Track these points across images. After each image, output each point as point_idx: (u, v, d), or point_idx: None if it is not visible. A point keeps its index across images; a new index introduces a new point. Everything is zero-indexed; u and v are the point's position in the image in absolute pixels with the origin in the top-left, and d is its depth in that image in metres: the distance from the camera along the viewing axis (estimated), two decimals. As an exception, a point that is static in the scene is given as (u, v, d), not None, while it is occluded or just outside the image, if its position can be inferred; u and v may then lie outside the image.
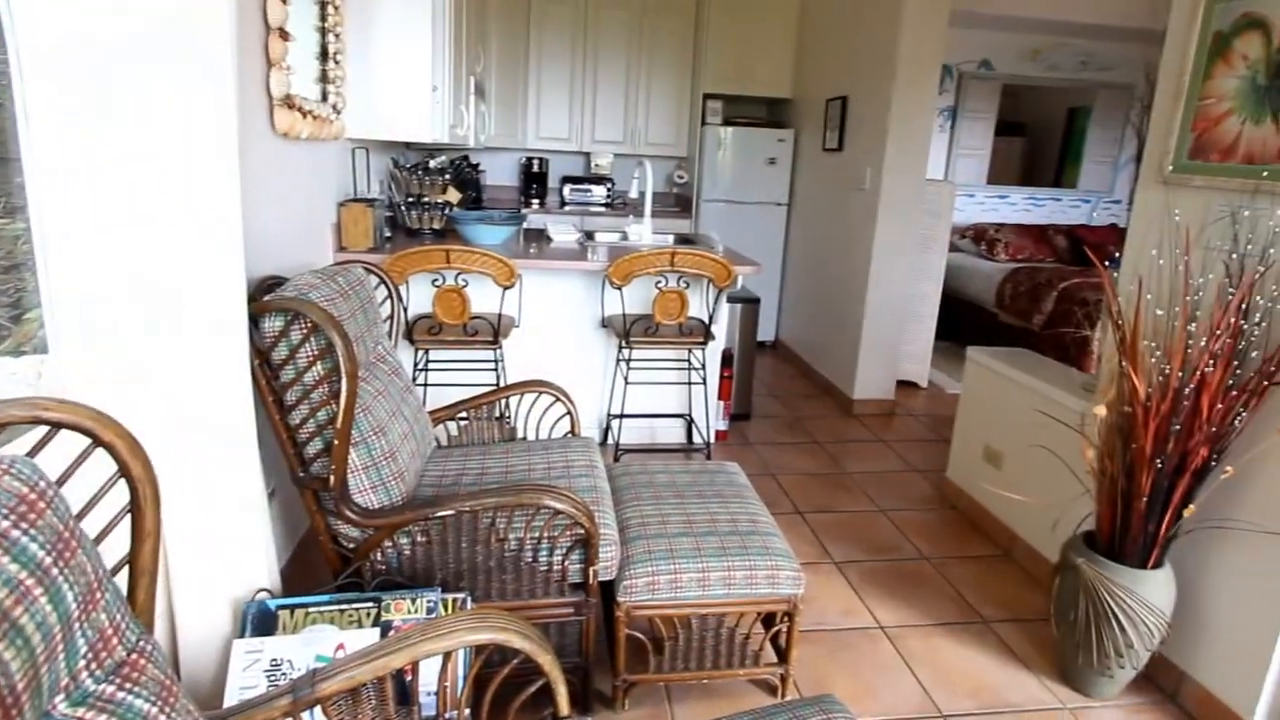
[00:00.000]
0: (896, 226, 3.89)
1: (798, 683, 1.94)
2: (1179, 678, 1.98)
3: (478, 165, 4.70)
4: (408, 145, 3.85)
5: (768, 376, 4.64)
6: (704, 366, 3.22)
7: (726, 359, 3.49)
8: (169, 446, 1.27)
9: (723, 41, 4.90)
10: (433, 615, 1.47)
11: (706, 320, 3.07)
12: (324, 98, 2.36)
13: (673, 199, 5.55)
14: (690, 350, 3.20)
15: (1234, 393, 1.71)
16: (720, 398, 3.51)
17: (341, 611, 1.44)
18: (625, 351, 3.16)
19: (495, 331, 2.77)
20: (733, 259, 3.12)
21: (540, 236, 3.65)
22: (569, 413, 2.27)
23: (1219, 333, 1.71)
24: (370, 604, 1.46)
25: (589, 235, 3.72)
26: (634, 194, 3.60)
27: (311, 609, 1.43)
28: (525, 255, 3.06)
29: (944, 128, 5.96)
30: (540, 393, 2.25)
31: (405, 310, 2.82)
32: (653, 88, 5.17)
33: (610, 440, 3.38)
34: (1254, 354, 1.72)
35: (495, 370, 2.89)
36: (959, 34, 5.48)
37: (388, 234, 3.09)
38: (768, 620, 1.87)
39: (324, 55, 2.33)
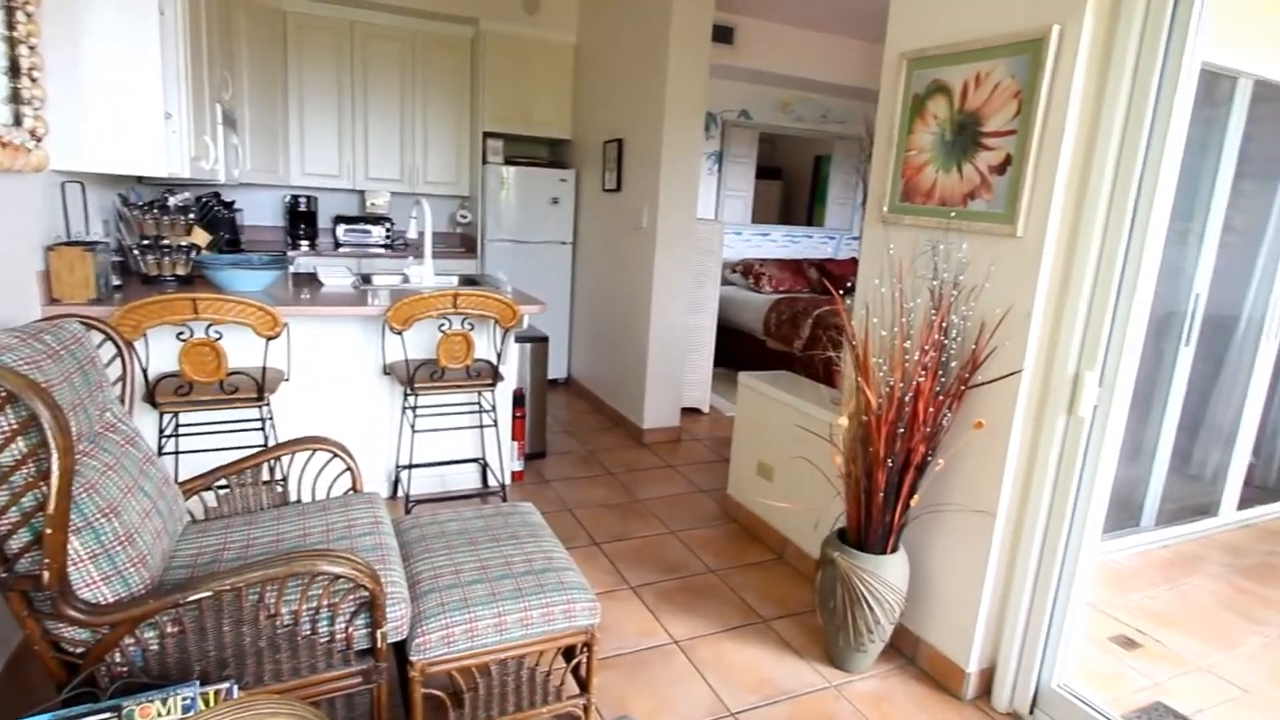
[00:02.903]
0: (673, 263, 4.14)
1: (600, 709, 1.97)
2: (916, 642, 2.30)
3: (232, 204, 4.28)
4: (140, 179, 3.42)
5: (561, 413, 4.70)
6: (494, 408, 3.19)
7: (518, 399, 3.49)
8: None
9: (500, 81, 4.93)
10: (190, 714, 1.30)
11: (495, 361, 3.06)
12: (17, 121, 2.01)
13: (457, 239, 5.47)
14: (479, 392, 3.16)
15: (941, 397, 2.04)
16: (514, 438, 3.49)
17: (67, 730, 1.22)
18: (411, 399, 3.04)
19: (259, 387, 2.53)
20: (519, 299, 3.15)
21: (311, 281, 3.41)
22: (349, 468, 2.13)
23: (927, 348, 2.03)
24: (108, 714, 1.25)
25: (366, 278, 3.55)
26: (413, 234, 3.52)
27: (24, 734, 1.20)
28: (293, 302, 2.84)
29: (712, 171, 6.50)
30: (315, 450, 2.10)
31: (144, 370, 2.48)
32: (430, 124, 5.05)
33: (400, 493, 3.22)
34: (953, 364, 2.07)
35: (262, 430, 2.64)
36: (721, 85, 6.06)
37: (117, 282, 2.70)
38: (568, 653, 1.88)
39: (14, 71, 1.99)
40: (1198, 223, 3.04)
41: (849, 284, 2.61)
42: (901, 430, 2.03)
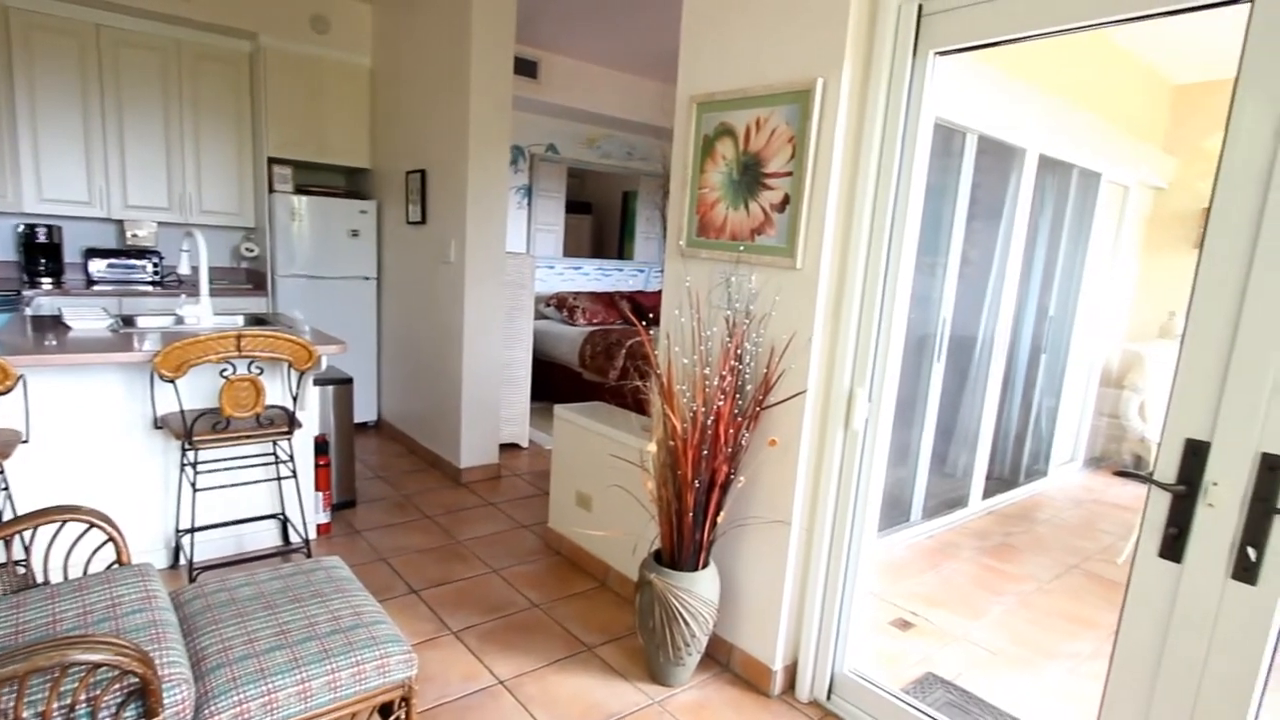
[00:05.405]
0: (484, 297, 4.08)
1: (423, 770, 1.87)
2: (729, 650, 2.45)
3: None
4: None
5: (372, 458, 4.44)
6: (293, 458, 2.94)
7: (321, 446, 3.25)
8: None
9: (287, 103, 4.57)
10: None
11: (291, 407, 2.83)
12: None
13: (243, 275, 4.99)
14: (274, 442, 2.90)
15: (739, 419, 2.20)
16: (318, 488, 3.24)
17: None
18: (190, 454, 2.72)
19: (-11, 451, 2.14)
20: (317, 338, 2.95)
21: (55, 325, 2.95)
22: (112, 538, 1.86)
23: (724, 374, 2.19)
24: None
25: (128, 320, 3.14)
26: (186, 269, 3.16)
27: None
28: (31, 350, 2.44)
29: (522, 205, 6.52)
30: (65, 520, 1.81)
31: None
32: (203, 147, 4.55)
33: (183, 560, 2.86)
34: (749, 387, 2.24)
35: (-7, 501, 2.23)
36: (527, 118, 6.13)
37: None
38: (385, 710, 1.77)
39: None
40: (941, 257, 3.56)
41: (650, 315, 2.74)
42: (706, 452, 2.16)
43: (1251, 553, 1.39)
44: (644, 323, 2.54)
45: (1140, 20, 1.59)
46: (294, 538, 3.15)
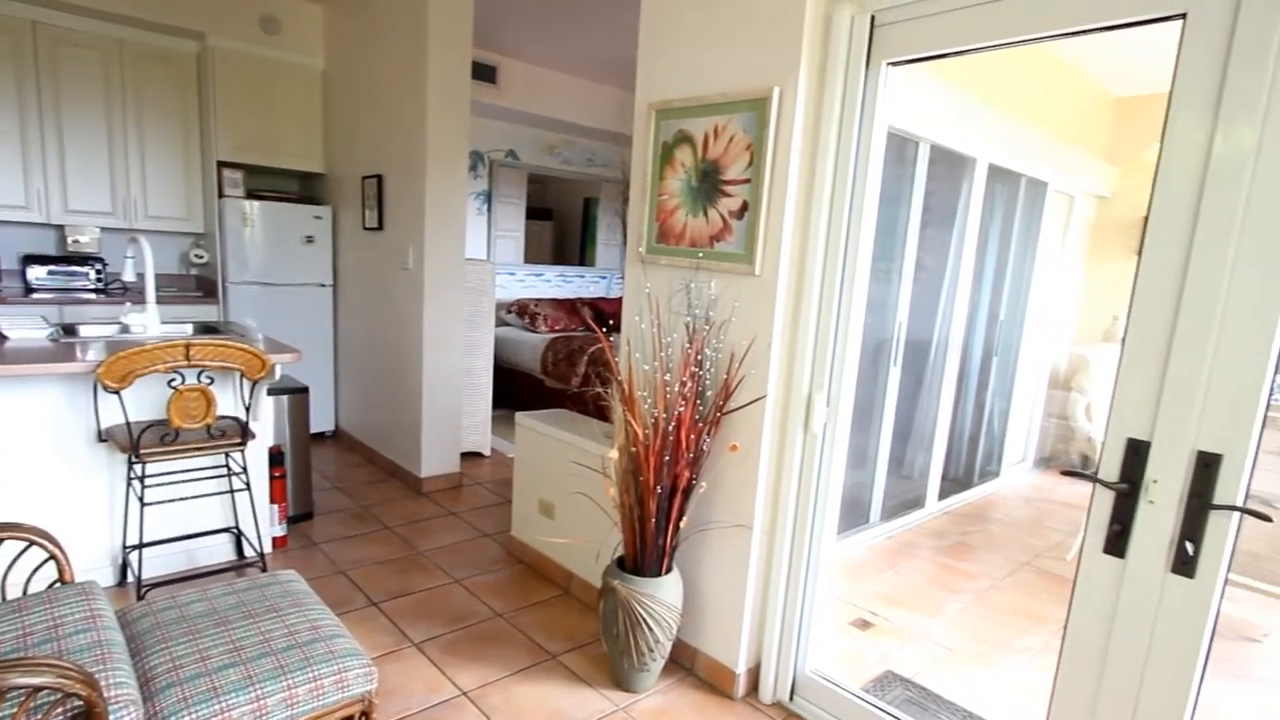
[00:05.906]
0: (443, 304, 4.03)
1: (384, 787, 1.84)
2: (693, 654, 2.46)
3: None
4: None
5: (330, 469, 4.35)
6: (246, 470, 2.87)
7: (276, 457, 3.17)
8: None
9: (236, 105, 4.45)
10: None
11: (243, 418, 2.76)
12: None
13: (192, 282, 4.85)
14: (226, 454, 2.82)
15: (700, 424, 2.22)
16: (273, 501, 3.16)
17: None
18: (137, 468, 2.63)
19: (-82, 468, 2.04)
20: (271, 347, 2.88)
21: (-8, 335, 2.83)
22: (53, 556, 1.79)
23: (685, 379, 2.20)
24: None
25: (69, 329, 3.03)
26: (131, 276, 3.06)
27: None
28: (-33, 361, 2.34)
29: (482, 211, 6.46)
30: (3, 539, 1.73)
31: None
32: (149, 150, 4.40)
33: (131, 577, 2.76)
34: (709, 393, 2.26)
35: (-77, 520, 2.13)
36: (487, 124, 6.08)
37: None
38: (344, 729, 1.74)
39: None
40: (896, 263, 3.64)
41: (611, 321, 2.74)
42: (668, 458, 2.17)
43: (1189, 547, 1.45)
44: (605, 329, 2.54)
45: (1081, 34, 1.65)
46: (248, 552, 3.06)
